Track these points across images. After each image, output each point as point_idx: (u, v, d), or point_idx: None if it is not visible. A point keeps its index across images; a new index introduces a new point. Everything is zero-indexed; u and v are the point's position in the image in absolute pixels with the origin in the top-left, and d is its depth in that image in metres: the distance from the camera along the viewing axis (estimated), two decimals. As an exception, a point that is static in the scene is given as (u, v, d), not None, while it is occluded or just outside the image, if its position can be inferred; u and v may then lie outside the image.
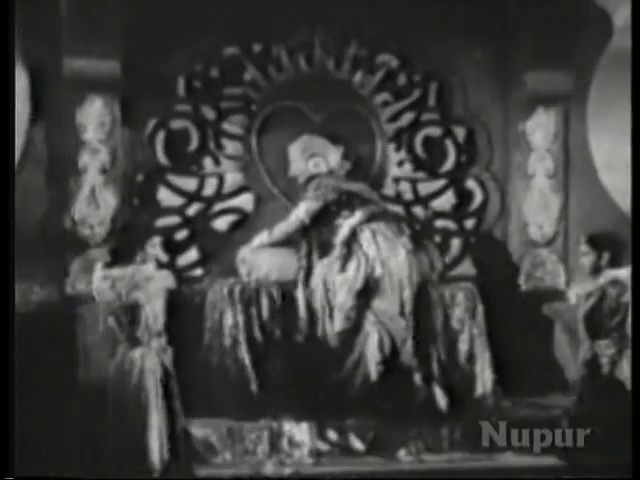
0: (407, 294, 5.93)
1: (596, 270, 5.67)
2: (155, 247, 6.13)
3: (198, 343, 6.02)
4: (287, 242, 6.20)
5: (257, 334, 6.05)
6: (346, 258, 6.00)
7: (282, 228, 6.21)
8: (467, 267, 6.78)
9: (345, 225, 6.08)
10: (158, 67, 6.40)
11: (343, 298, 5.91)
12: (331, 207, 6.14)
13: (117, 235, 6.07)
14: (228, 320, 6.06)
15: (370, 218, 6.08)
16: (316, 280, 6.02)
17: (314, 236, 6.10)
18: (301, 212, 6.18)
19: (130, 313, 5.05)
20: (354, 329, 5.94)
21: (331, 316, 5.93)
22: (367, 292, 5.93)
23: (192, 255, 6.56)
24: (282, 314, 6.04)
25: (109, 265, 5.22)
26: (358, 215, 6.10)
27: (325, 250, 6.06)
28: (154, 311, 5.00)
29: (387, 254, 5.96)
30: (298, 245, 6.13)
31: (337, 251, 6.04)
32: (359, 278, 5.91)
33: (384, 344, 5.87)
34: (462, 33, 6.62)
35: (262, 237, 6.24)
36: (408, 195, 6.84)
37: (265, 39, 6.65)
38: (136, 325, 5.04)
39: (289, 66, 6.71)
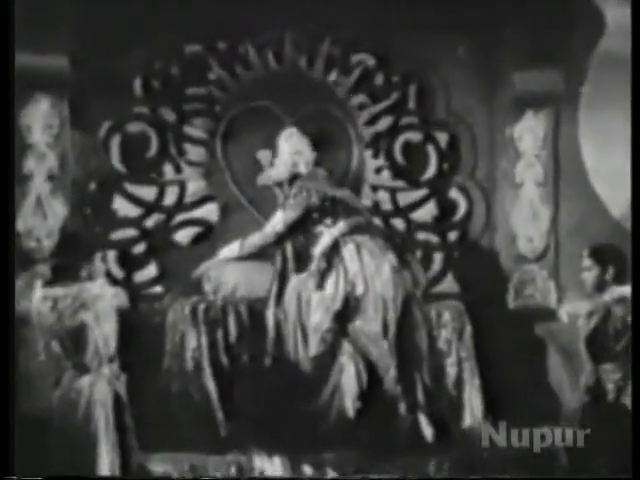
0: (392, 315, 5.49)
1: (600, 286, 5.21)
2: (105, 261, 5.72)
3: (156, 369, 5.62)
4: (258, 254, 5.79)
5: (223, 358, 5.66)
6: (324, 273, 5.49)
7: (255, 240, 5.78)
8: (450, 284, 6.42)
9: (327, 235, 5.61)
10: (112, 64, 6.07)
11: (319, 319, 5.45)
12: (312, 214, 5.69)
13: (64, 249, 5.62)
14: (190, 342, 5.66)
15: (355, 229, 5.61)
16: (289, 297, 5.55)
17: (290, 246, 5.68)
18: (278, 223, 5.75)
19: (76, 337, 4.51)
20: (330, 354, 5.50)
21: (305, 339, 5.49)
22: (346, 312, 5.48)
23: (151, 271, 6.21)
24: (251, 336, 5.65)
25: (50, 283, 4.68)
26: (342, 225, 5.64)
27: (302, 262, 5.62)
28: (104, 334, 4.53)
29: (371, 271, 5.49)
30: (272, 257, 5.72)
31: (315, 264, 5.53)
32: (338, 297, 5.44)
33: (361, 377, 5.45)
34: (444, 30, 6.28)
35: (232, 249, 5.81)
36: (387, 205, 6.47)
37: (231, 35, 6.31)
38: (83, 350, 4.52)
39: (257, 64, 6.36)
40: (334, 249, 5.58)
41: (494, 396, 5.82)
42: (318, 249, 5.59)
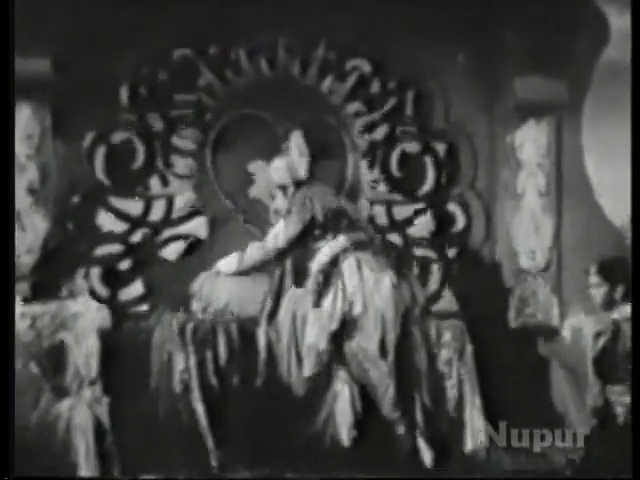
0: (391, 335, 5.27)
1: (609, 304, 5.04)
2: (88, 278, 5.52)
3: (142, 391, 5.37)
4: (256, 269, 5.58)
5: (213, 380, 5.45)
6: (322, 290, 5.26)
7: (255, 255, 5.54)
8: (448, 301, 6.21)
9: (326, 249, 5.35)
10: (97, 69, 5.90)
11: (314, 338, 5.21)
12: (314, 229, 5.47)
13: (45, 265, 5.43)
14: (178, 363, 5.46)
15: (356, 245, 5.38)
16: (283, 315, 5.32)
17: (290, 261, 5.46)
18: (280, 237, 5.50)
19: (55, 357, 4.35)
20: (326, 376, 5.28)
21: (299, 359, 5.27)
22: (342, 331, 5.25)
23: (136, 288, 6.00)
24: (242, 356, 5.45)
25: (29, 300, 4.44)
26: (343, 239, 5.40)
27: (300, 278, 5.40)
28: (85, 354, 4.33)
29: (371, 289, 5.26)
30: (265, 272, 5.51)
31: (312, 280, 5.28)
32: (335, 315, 5.20)
33: (356, 405, 5.25)
34: (443, 35, 6.12)
35: (230, 264, 5.58)
36: (382, 219, 6.26)
37: (222, 39, 6.11)
38: (62, 371, 4.30)
39: (249, 70, 6.16)
40: (333, 265, 5.37)
41: (496, 418, 5.60)
42: (316, 264, 5.37)
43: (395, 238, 6.21)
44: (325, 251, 5.34)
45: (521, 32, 6.10)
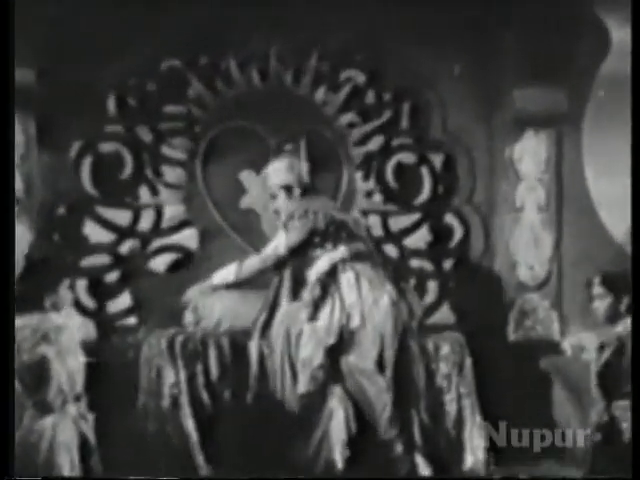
0: (389, 350, 5.10)
1: (613, 317, 4.95)
2: (73, 289, 5.29)
3: (130, 407, 5.24)
4: (254, 280, 5.40)
5: (203, 396, 5.28)
6: (318, 302, 5.11)
7: (254, 264, 5.32)
8: (445, 314, 6.17)
9: (324, 259, 5.19)
10: (84, 79, 5.83)
11: (310, 353, 5.04)
12: (314, 237, 5.28)
13: (29, 277, 5.18)
14: (168, 378, 5.29)
15: (356, 257, 5.21)
16: (277, 328, 5.14)
17: (289, 272, 5.29)
18: (280, 245, 5.29)
19: (36, 372, 4.18)
20: (321, 393, 5.09)
21: (293, 375, 5.09)
22: (339, 346, 5.08)
23: (124, 301, 5.96)
24: (235, 371, 5.28)
25: None
26: (343, 250, 5.22)
27: (298, 290, 5.23)
28: (68, 369, 4.12)
29: (369, 302, 5.10)
30: (265, 285, 5.33)
31: (309, 292, 5.13)
32: (332, 330, 5.04)
33: (350, 424, 5.07)
34: (440, 44, 6.06)
35: (228, 274, 5.36)
36: (377, 231, 6.19)
37: (212, 49, 6.04)
38: (45, 387, 4.13)
39: (240, 80, 6.10)
40: (331, 276, 5.20)
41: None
42: (314, 273, 5.19)
43: (391, 249, 6.16)
44: (324, 260, 5.19)
45: (520, 42, 6.06)
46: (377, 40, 6.06)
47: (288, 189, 5.36)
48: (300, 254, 5.22)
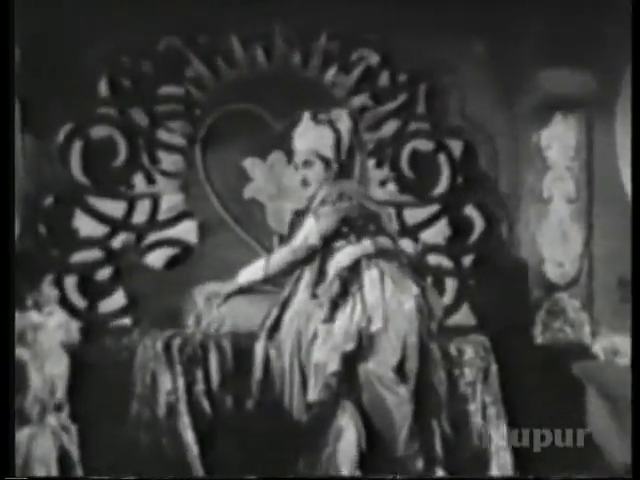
0: (412, 358, 4.70)
1: None
2: (59, 286, 5.18)
3: (121, 417, 4.94)
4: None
5: (204, 404, 4.98)
6: (337, 301, 4.70)
7: (284, 257, 4.91)
8: (465, 315, 5.98)
9: (346, 252, 4.78)
10: (73, 57, 5.68)
11: (324, 358, 4.62)
12: (343, 227, 4.88)
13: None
14: (164, 385, 5.00)
15: (382, 254, 4.81)
16: (286, 328, 4.74)
17: (316, 265, 4.89)
18: (312, 234, 4.86)
19: None
20: (334, 403, 4.70)
21: (303, 381, 4.70)
22: (356, 351, 4.67)
23: (118, 300, 5.81)
24: (238, 377, 4.97)
25: None
26: (367, 244, 4.80)
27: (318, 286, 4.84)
28: (47, 375, 3.77)
29: (394, 305, 4.69)
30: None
31: (327, 288, 4.73)
32: (351, 334, 4.63)
33: (362, 442, 4.68)
34: (459, 23, 5.83)
35: (256, 270, 4.96)
36: (392, 224, 5.83)
37: (213, 27, 5.83)
38: (20, 394, 3.85)
39: (243, 60, 5.90)
40: (353, 272, 4.79)
41: (524, 447, 5.17)
42: (334, 267, 4.78)
43: (406, 244, 5.91)
44: (345, 254, 4.79)
45: (546, 19, 5.88)
46: (392, 18, 5.83)
47: (327, 162, 4.95)
48: (327, 245, 4.86)
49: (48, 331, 3.90)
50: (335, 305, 4.66)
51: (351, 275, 4.73)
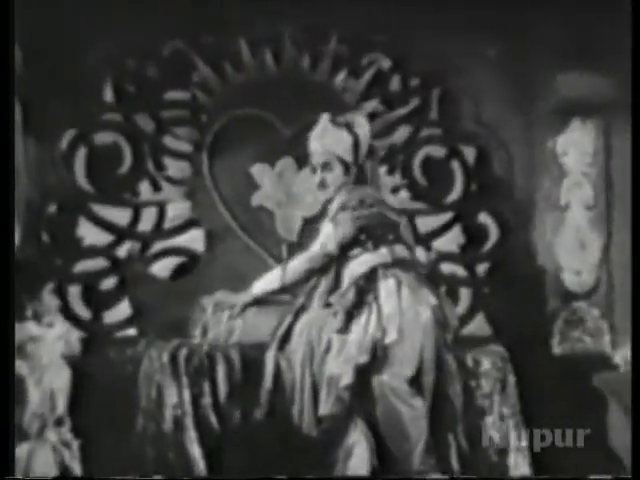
0: (430, 373, 4.57)
1: None
2: (61, 295, 5.08)
3: (125, 432, 4.86)
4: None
5: (211, 418, 4.89)
6: (352, 311, 4.56)
7: (300, 265, 4.79)
8: (480, 325, 5.84)
9: (363, 260, 4.65)
10: (76, 61, 5.59)
11: (338, 371, 4.48)
12: (361, 234, 4.76)
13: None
14: (170, 397, 4.94)
15: (399, 263, 4.68)
16: (297, 339, 4.61)
17: (333, 273, 4.81)
18: (330, 241, 4.74)
19: None
20: (346, 419, 4.57)
21: (314, 394, 4.57)
22: (369, 364, 4.54)
23: (123, 310, 5.70)
24: (246, 390, 4.87)
25: None
26: (385, 253, 4.68)
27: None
28: (47, 388, 3.60)
29: (410, 316, 4.55)
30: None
31: (342, 296, 4.60)
32: (365, 345, 4.48)
33: (374, 460, 4.57)
34: (473, 25, 5.74)
35: (271, 280, 4.87)
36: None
37: (220, 29, 5.75)
38: (19, 409, 3.77)
39: (251, 64, 5.81)
40: (370, 281, 4.66)
41: (544, 462, 5.13)
42: (349, 275, 4.64)
43: (419, 253, 5.67)
44: (362, 262, 4.66)
45: (563, 21, 5.77)
46: (403, 20, 5.74)
47: (346, 165, 4.84)
48: (343, 252, 4.74)
49: (47, 343, 3.77)
50: (350, 315, 4.53)
51: (367, 284, 4.60)
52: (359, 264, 4.64)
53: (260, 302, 4.85)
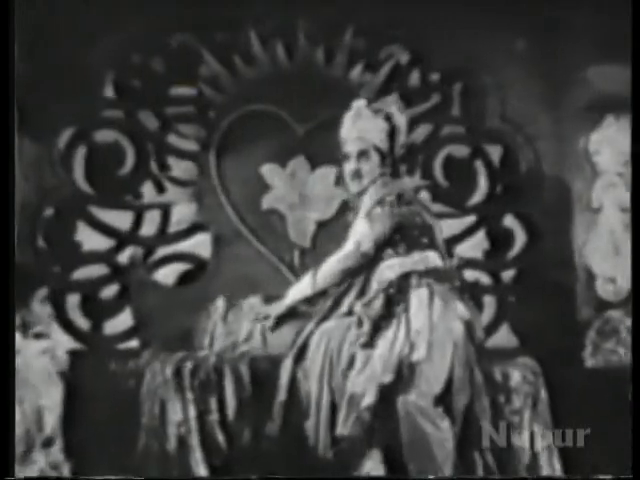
0: (460, 393, 4.29)
1: None
2: (54, 304, 5.01)
3: (126, 452, 4.75)
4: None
5: (218, 436, 4.77)
6: (380, 323, 4.28)
7: (333, 267, 4.48)
8: (505, 336, 5.73)
9: (393, 264, 4.36)
10: (76, 55, 5.55)
11: (361, 390, 4.20)
12: (396, 234, 4.49)
13: None
14: (174, 414, 4.87)
15: (432, 273, 4.39)
16: (313, 350, 4.35)
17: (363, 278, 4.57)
18: (366, 239, 4.44)
19: None
20: (365, 440, 4.28)
21: (332, 412, 4.32)
22: (394, 383, 4.28)
23: (124, 320, 5.63)
24: (257, 406, 4.74)
25: None
26: (419, 258, 4.38)
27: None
28: (34, 406, 3.30)
29: (441, 331, 4.26)
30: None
31: (366, 306, 4.30)
32: (391, 362, 4.20)
33: None
34: (497, 15, 5.66)
35: (303, 287, 4.59)
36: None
37: (230, 22, 5.71)
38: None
39: (262, 58, 5.75)
40: (401, 290, 4.38)
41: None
42: (377, 280, 4.37)
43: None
44: (394, 265, 4.38)
45: (596, 10, 5.66)
46: (423, 11, 5.69)
47: (382, 155, 4.58)
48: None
49: (28, 357, 3.51)
50: (377, 327, 4.23)
51: (397, 293, 4.31)
52: (390, 268, 4.35)
53: (294, 313, 4.60)
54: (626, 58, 5.51)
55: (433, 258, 4.38)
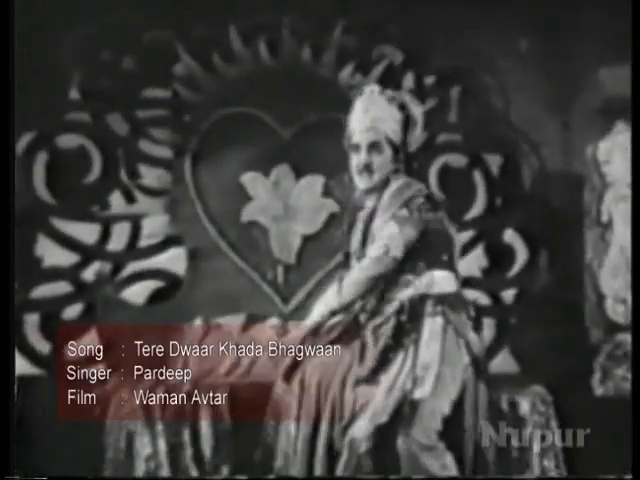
0: (469, 442, 3.96)
1: None
2: (20, 327, 4.98)
3: None
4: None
5: (191, 471, 4.64)
6: (388, 353, 3.90)
7: (364, 272, 4.04)
8: (505, 360, 5.57)
9: (413, 281, 3.95)
10: (39, 53, 5.44)
11: (363, 433, 3.82)
12: (417, 242, 4.14)
13: None
14: (142, 448, 4.73)
15: (450, 297, 3.99)
16: (308, 380, 3.96)
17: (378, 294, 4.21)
18: (395, 242, 4.03)
19: None
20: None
21: (329, 450, 3.93)
22: (393, 423, 3.91)
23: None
24: (236, 437, 4.61)
25: None
26: (433, 280, 3.98)
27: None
28: None
29: (450, 365, 3.91)
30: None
31: (376, 330, 3.90)
32: (392, 399, 3.82)
33: None
34: (498, 13, 5.55)
35: (328, 301, 4.15)
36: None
37: (208, 17, 5.59)
38: None
39: (244, 56, 5.66)
40: (413, 316, 3.98)
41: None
42: (388, 301, 3.96)
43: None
44: (407, 283, 3.99)
45: (603, 8, 5.55)
46: (418, 8, 5.58)
47: (396, 149, 4.19)
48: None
49: None
50: (383, 360, 3.85)
51: (409, 319, 3.95)
52: (403, 286, 3.99)
53: (320, 329, 4.16)
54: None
55: (450, 281, 4.02)
